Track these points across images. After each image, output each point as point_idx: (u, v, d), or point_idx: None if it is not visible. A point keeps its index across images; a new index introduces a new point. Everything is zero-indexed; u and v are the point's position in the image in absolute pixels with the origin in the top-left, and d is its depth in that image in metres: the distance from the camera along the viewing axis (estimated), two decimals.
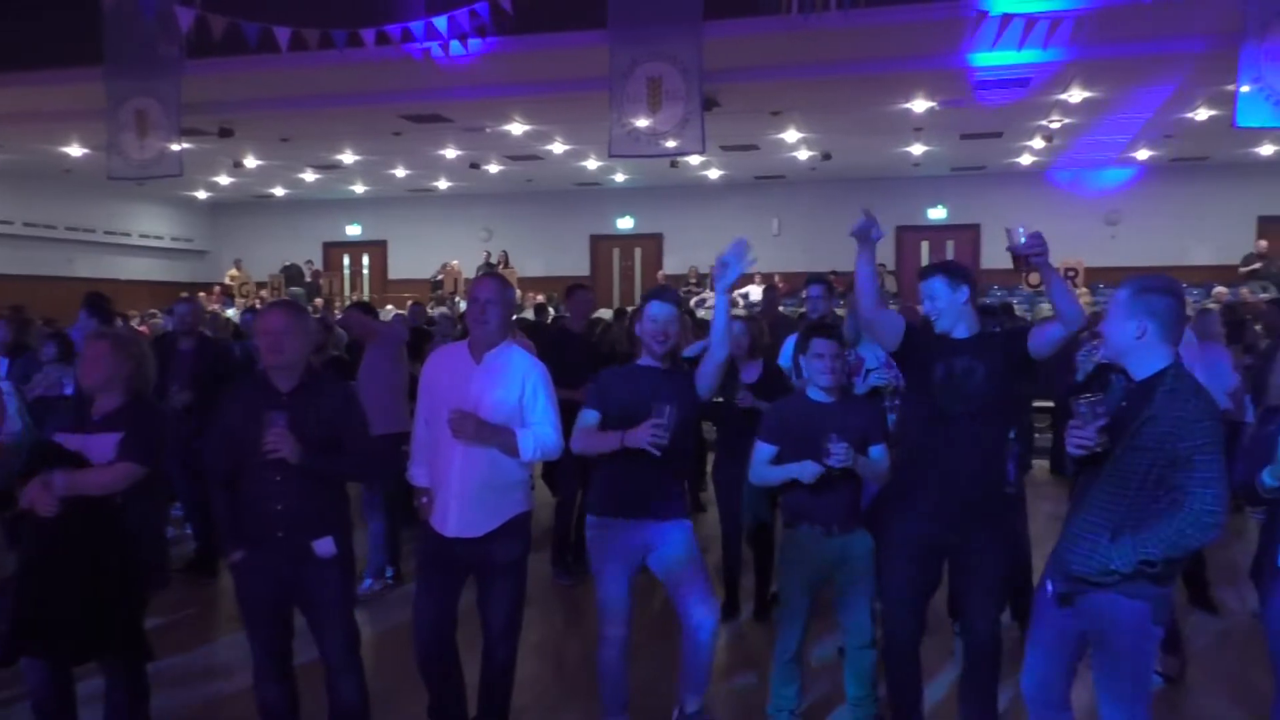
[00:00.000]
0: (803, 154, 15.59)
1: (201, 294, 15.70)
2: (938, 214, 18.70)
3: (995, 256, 17.81)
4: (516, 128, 13.36)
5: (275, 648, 3.40)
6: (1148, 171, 16.99)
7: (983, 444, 3.32)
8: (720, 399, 5.13)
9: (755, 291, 14.59)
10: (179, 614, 5.41)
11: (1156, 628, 2.74)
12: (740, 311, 9.80)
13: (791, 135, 14.19)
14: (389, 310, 13.70)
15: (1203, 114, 12.56)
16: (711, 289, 16.75)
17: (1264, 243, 15.89)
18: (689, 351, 4.39)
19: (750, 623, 5.23)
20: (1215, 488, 2.57)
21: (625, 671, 3.63)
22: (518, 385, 3.47)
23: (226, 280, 18.79)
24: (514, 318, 11.97)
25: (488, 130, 13.61)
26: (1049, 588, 2.89)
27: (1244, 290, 13.84)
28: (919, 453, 3.41)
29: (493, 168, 16.79)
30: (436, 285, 17.92)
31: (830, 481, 3.59)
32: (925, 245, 18.52)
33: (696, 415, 3.66)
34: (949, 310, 3.33)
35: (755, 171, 17.61)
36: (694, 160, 14.94)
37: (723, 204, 18.78)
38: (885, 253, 18.35)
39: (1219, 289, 13.56)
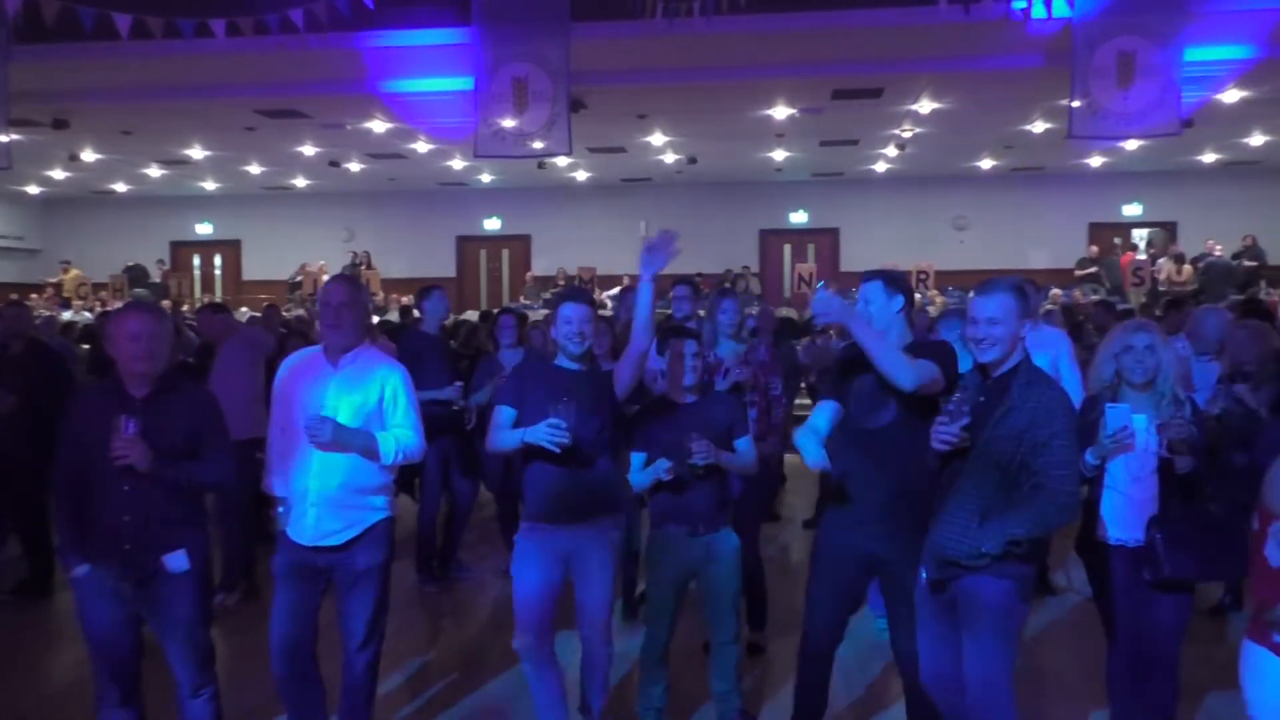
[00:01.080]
0: (669, 157, 15.79)
1: (34, 295, 14.66)
2: (799, 218, 19.26)
3: (854, 260, 18.50)
4: (379, 125, 13.03)
5: (121, 671, 3.20)
6: (992, 180, 17.97)
7: (904, 457, 3.22)
8: None
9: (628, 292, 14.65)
10: (9, 637, 5.03)
11: (1023, 605, 2.91)
12: (605, 312, 9.83)
13: (658, 139, 14.36)
14: (243, 313, 13.13)
15: (1039, 126, 13.39)
16: None
17: (1095, 248, 17.08)
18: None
19: (618, 624, 5.24)
20: (1071, 470, 2.81)
21: (552, 682, 3.53)
22: (377, 388, 3.39)
23: (56, 281, 17.59)
24: (377, 320, 11.68)
25: (348, 127, 13.23)
26: (924, 576, 3.02)
27: (1076, 292, 14.82)
28: (846, 464, 3.36)
29: (354, 166, 16.33)
30: (295, 287, 17.29)
31: (694, 480, 3.64)
32: (788, 249, 19.04)
33: (615, 415, 3.58)
34: (880, 316, 3.34)
35: (623, 174, 17.72)
36: (561, 162, 14.91)
37: (591, 206, 18.83)
38: (749, 255, 18.81)
39: (1055, 291, 14.46)
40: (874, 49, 9.82)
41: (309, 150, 14.88)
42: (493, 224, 19.88)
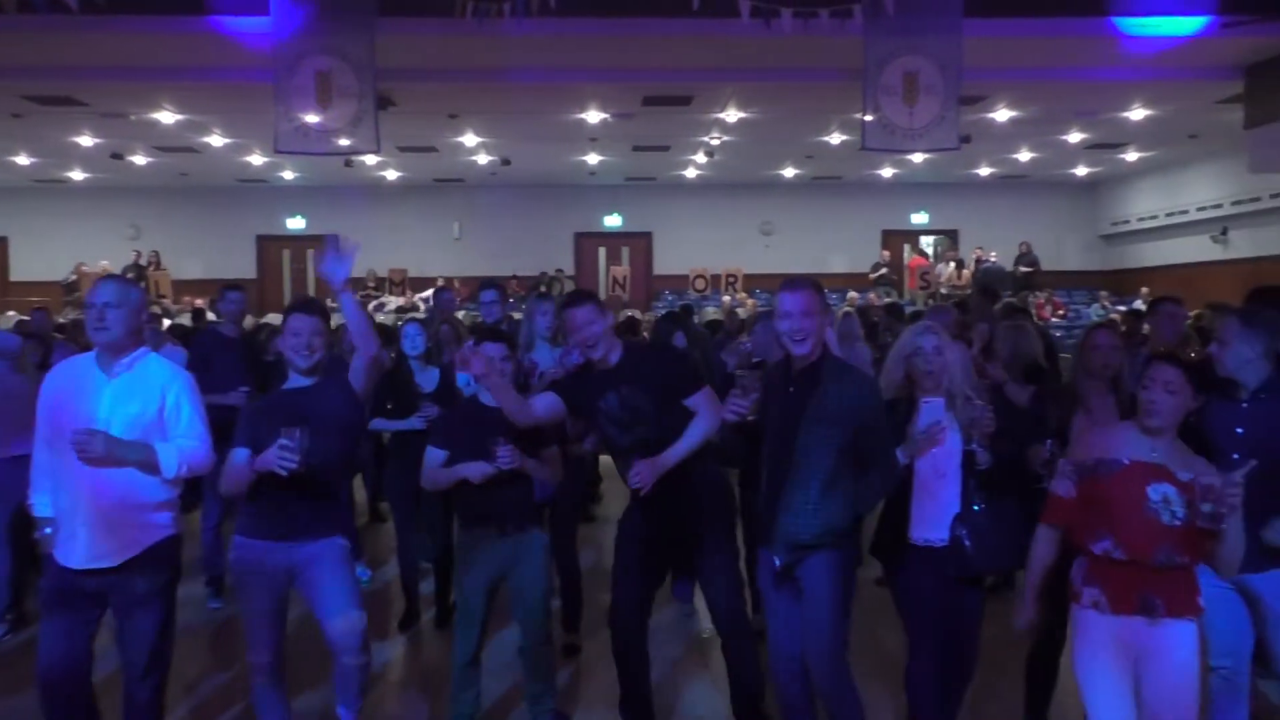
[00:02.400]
0: (482, 158, 15.62)
1: None
2: (613, 221, 19.50)
3: (667, 263, 18.93)
4: (167, 116, 12.20)
5: None
6: (795, 188, 18.82)
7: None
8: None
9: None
10: None
11: (852, 575, 3.15)
12: (420, 315, 9.61)
13: (470, 139, 14.16)
14: (10, 316, 11.98)
15: (837, 138, 14.13)
16: (391, 293, 16.32)
17: (887, 253, 18.21)
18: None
19: (431, 631, 5.14)
20: (893, 447, 3.08)
21: (278, 703, 3.43)
22: (157, 397, 3.15)
23: None
24: (168, 324, 10.92)
25: (132, 118, 12.31)
26: (775, 563, 3.12)
27: (872, 295, 15.75)
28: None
29: (139, 159, 15.21)
30: (71, 288, 15.91)
31: (502, 482, 3.61)
32: (602, 251, 19.25)
33: (355, 426, 3.48)
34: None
35: (435, 174, 17.38)
36: (370, 160, 14.47)
37: (401, 206, 18.37)
38: (564, 258, 18.87)
39: (852, 294, 15.31)
40: (683, 58, 10.07)
41: (87, 141, 13.73)
42: (296, 223, 19.03)
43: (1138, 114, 12.75)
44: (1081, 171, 17.99)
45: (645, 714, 3.69)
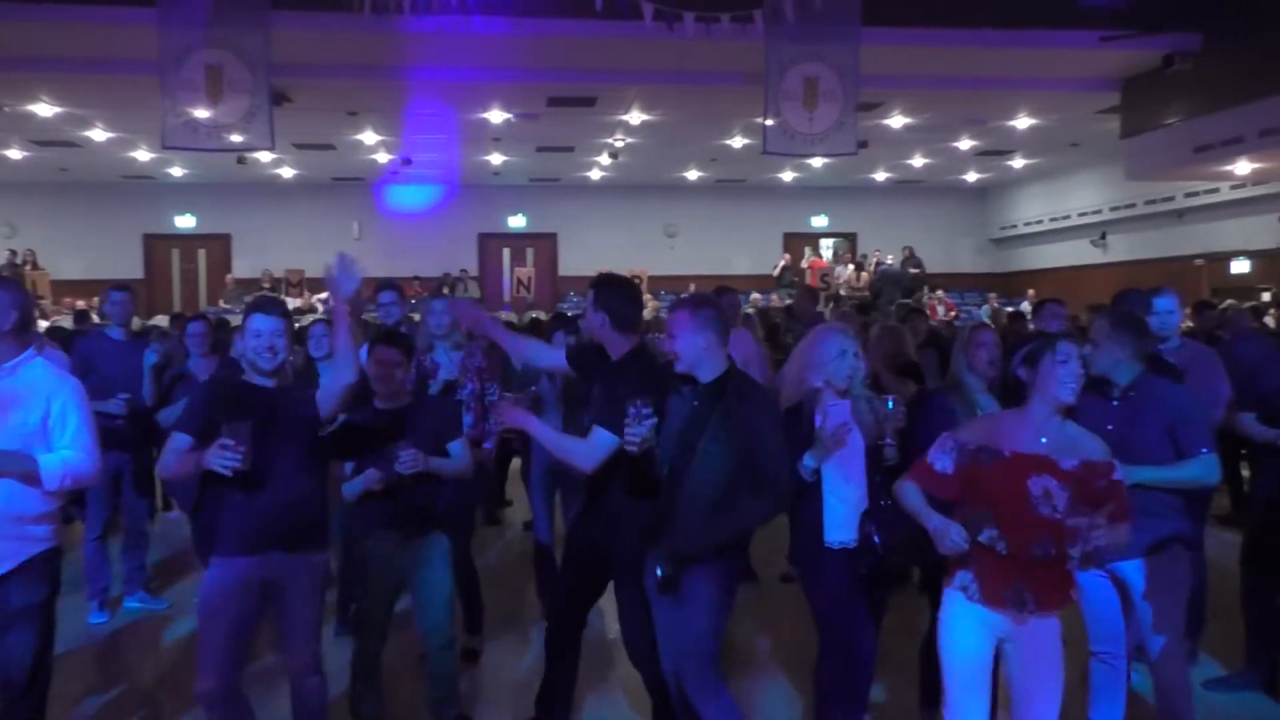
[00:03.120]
0: (383, 157, 15.33)
1: None
2: (518, 222, 19.38)
3: (572, 265, 18.90)
4: (44, 109, 11.61)
5: None
6: (699, 190, 19.02)
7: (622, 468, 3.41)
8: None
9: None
10: None
11: (732, 587, 3.17)
12: (323, 316, 9.37)
13: (370, 137, 13.89)
14: None
15: (739, 141, 14.34)
16: (288, 294, 15.86)
17: (789, 255, 18.55)
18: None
19: (334, 639, 5.01)
20: (785, 463, 3.07)
21: None
22: (40, 405, 2.98)
23: None
24: (45, 325, 10.38)
25: (5, 109, 11.68)
26: (659, 572, 3.09)
27: (774, 297, 16.02)
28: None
29: (14, 153, 14.44)
30: None
31: (403, 486, 3.55)
32: (507, 252, 19.12)
33: (313, 437, 3.27)
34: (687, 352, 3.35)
35: (333, 172, 16.98)
36: (264, 157, 14.05)
37: (299, 205, 17.89)
38: (468, 259, 18.66)
39: (755, 296, 15.54)
40: (586, 59, 10.08)
41: None
42: (186, 221, 18.36)
43: (1023, 123, 13.30)
44: (972, 177, 18.67)
45: (564, 711, 3.68)
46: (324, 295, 14.51)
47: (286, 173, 16.82)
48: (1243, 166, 11.83)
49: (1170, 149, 11.38)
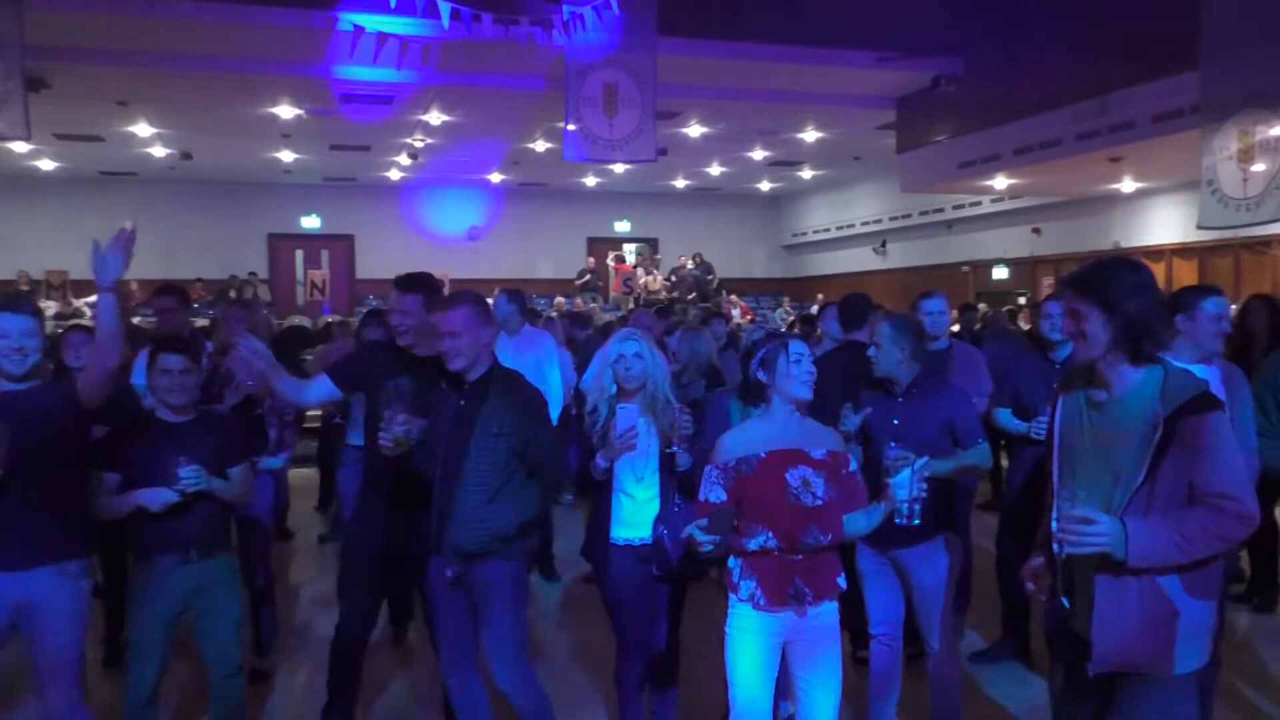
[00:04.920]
0: (159, 151, 14.32)
1: None
2: (311, 223, 18.58)
3: (370, 267, 18.31)
4: None
5: None
6: (501, 193, 18.88)
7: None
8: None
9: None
10: None
11: (527, 580, 3.21)
12: (86, 322, 8.64)
13: (144, 129, 12.94)
14: None
15: (541, 145, 14.36)
16: (49, 298, 14.55)
17: (592, 259, 18.74)
18: None
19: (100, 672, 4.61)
20: (556, 456, 3.16)
21: None
22: None
23: None
24: None
25: None
26: (447, 573, 3.12)
27: (578, 300, 16.14)
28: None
29: None
30: None
31: (188, 505, 3.32)
32: (300, 254, 18.19)
33: (76, 432, 3.06)
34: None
35: (102, 166, 15.73)
36: (20, 147, 12.79)
37: (61, 200, 16.41)
38: (257, 261, 17.73)
39: (559, 299, 15.60)
40: (383, 56, 9.78)
41: None
42: None
43: (811, 135, 14.05)
44: (765, 186, 19.54)
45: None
46: (92, 299, 13.37)
47: (46, 165, 15.42)
48: (1000, 182, 12.99)
49: (939, 164, 12.36)
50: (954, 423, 3.43)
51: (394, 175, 17.13)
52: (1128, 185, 13.15)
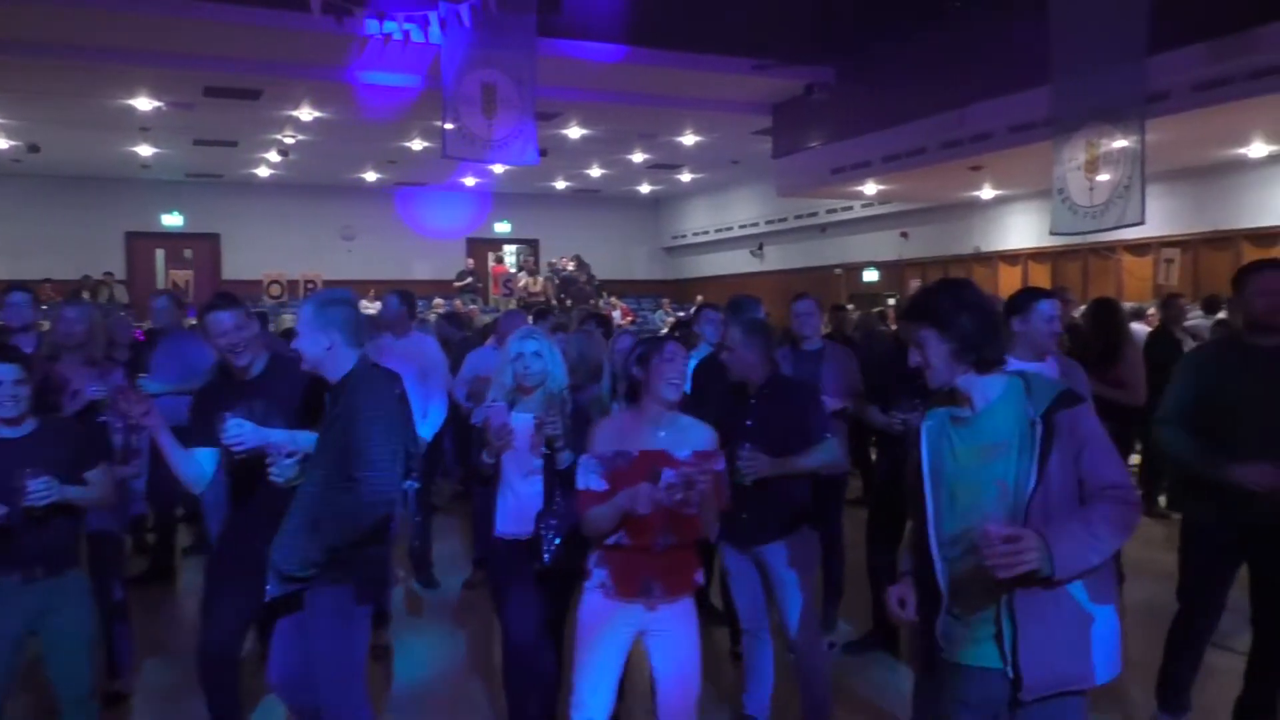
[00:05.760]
0: (3, 143, 13.43)
1: None
2: (173, 221, 17.75)
3: (238, 268, 17.62)
4: None
5: None
6: (377, 192, 18.44)
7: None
8: None
9: None
10: None
11: (363, 607, 2.92)
12: None
13: None
14: None
15: (419, 144, 14.09)
16: None
17: (472, 261, 18.51)
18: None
19: None
20: (383, 470, 2.75)
21: None
22: None
23: None
24: None
25: None
26: (270, 591, 2.92)
27: (458, 302, 15.91)
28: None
29: None
30: None
31: (34, 520, 3.11)
32: (161, 254, 17.36)
33: None
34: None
35: None
36: None
37: None
38: (114, 261, 16.83)
39: (438, 300, 15.36)
40: (249, 48, 9.43)
41: None
42: None
43: (690, 139, 14.23)
44: (646, 189, 19.70)
45: None
46: None
47: None
48: (870, 187, 13.45)
49: (812, 170, 12.71)
50: (804, 420, 3.51)
51: (263, 172, 16.52)
52: (987, 193, 13.81)
